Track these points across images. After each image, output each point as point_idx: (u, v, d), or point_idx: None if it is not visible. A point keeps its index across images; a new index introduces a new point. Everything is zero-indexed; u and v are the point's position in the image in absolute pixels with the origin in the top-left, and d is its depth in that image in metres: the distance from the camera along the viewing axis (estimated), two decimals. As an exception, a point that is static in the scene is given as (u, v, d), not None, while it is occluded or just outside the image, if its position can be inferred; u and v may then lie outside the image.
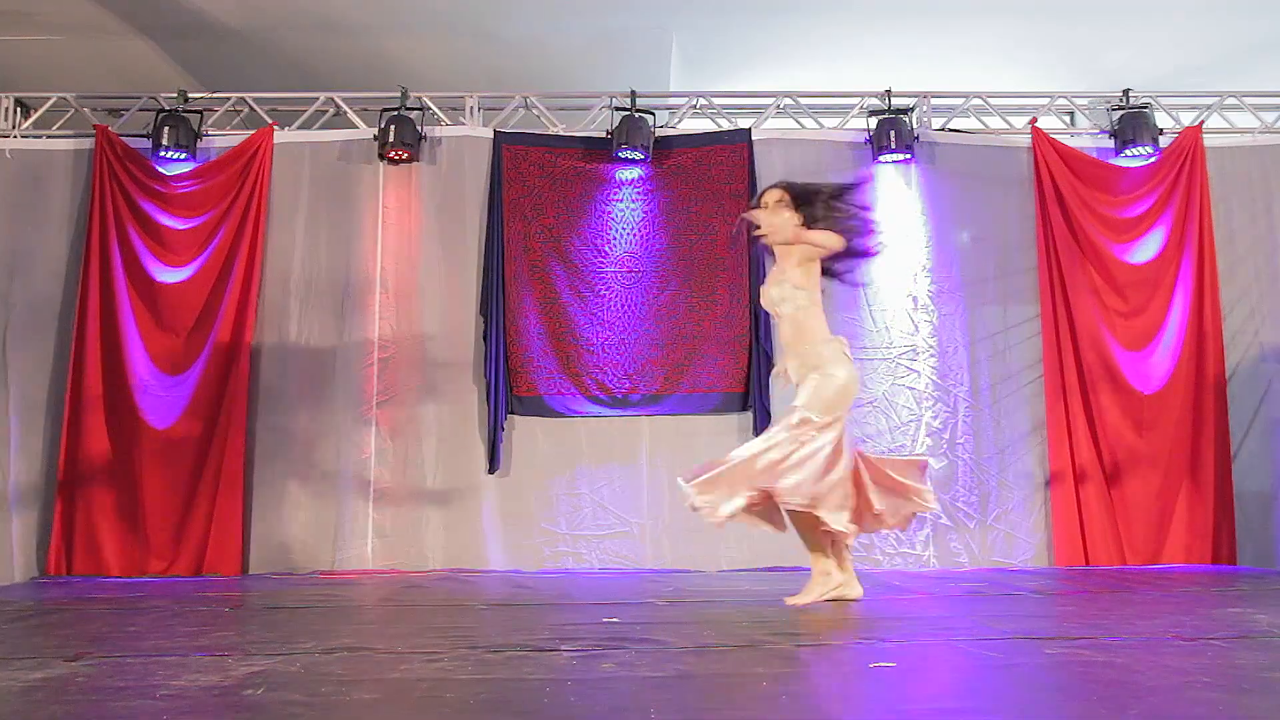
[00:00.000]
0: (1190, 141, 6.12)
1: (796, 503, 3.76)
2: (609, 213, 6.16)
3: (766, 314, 6.00)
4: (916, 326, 6.06)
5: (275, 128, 6.12)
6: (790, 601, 3.95)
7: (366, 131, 6.16)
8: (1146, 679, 2.54)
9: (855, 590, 4.03)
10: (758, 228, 4.00)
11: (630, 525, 5.89)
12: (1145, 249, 6.10)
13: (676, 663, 2.74)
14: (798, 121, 6.38)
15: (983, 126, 6.47)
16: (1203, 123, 6.21)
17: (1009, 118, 6.39)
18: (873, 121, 6.16)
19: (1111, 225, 6.11)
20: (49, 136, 6.22)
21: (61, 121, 6.26)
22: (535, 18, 6.32)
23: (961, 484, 5.93)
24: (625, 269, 6.11)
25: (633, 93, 6.10)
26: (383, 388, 5.95)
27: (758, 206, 4.10)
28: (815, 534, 3.95)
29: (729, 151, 6.17)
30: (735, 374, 5.99)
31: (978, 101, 6.35)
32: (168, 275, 5.97)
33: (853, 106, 6.33)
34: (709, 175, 6.15)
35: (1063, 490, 5.85)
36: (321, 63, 6.75)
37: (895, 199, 6.18)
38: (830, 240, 3.93)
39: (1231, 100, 6.31)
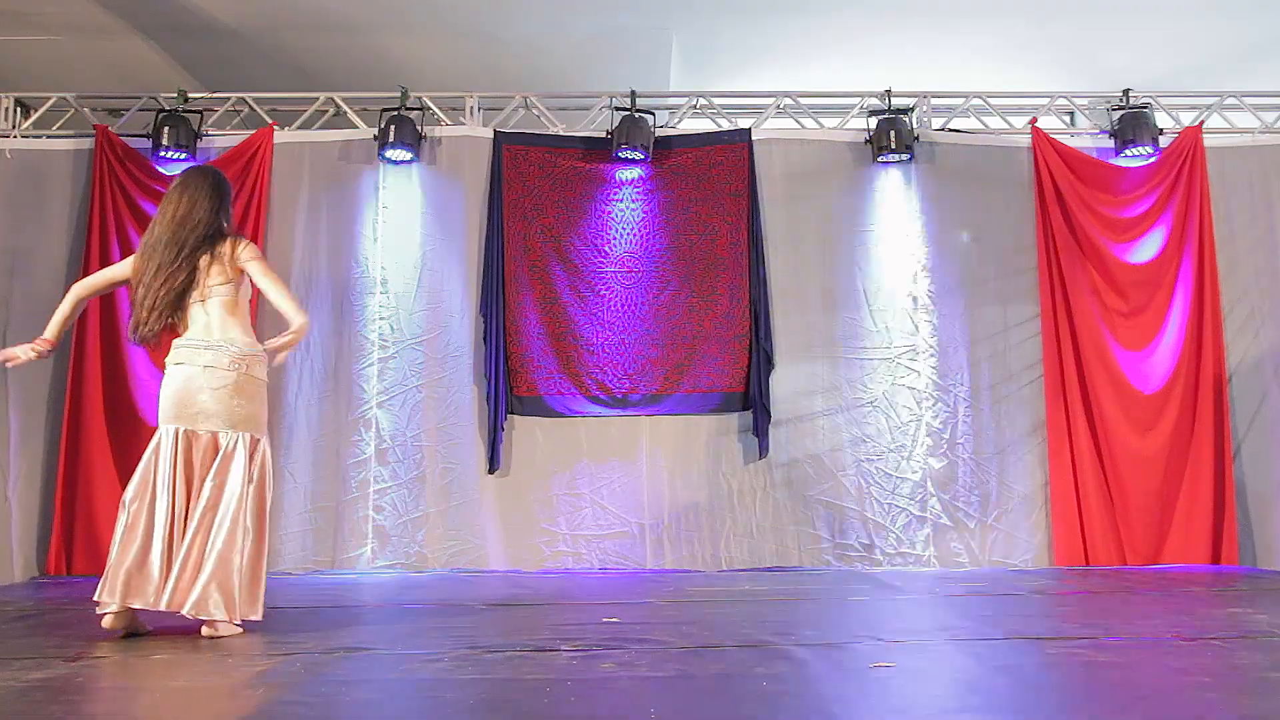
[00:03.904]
0: (1190, 141, 6.12)
1: None
2: (609, 213, 6.16)
3: (767, 314, 6.03)
4: (916, 326, 6.06)
5: (275, 128, 6.11)
6: None
7: (366, 131, 6.16)
8: (1146, 679, 2.54)
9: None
10: None
11: (630, 525, 5.89)
12: (1145, 249, 6.09)
13: (676, 663, 2.74)
14: (798, 121, 6.38)
15: (983, 126, 6.47)
16: (1203, 123, 6.21)
17: (1009, 118, 6.39)
18: (873, 121, 6.16)
19: (1111, 225, 6.11)
20: (49, 136, 6.21)
21: (61, 121, 6.26)
22: (535, 18, 6.31)
23: (961, 484, 5.93)
24: (625, 269, 6.11)
25: (633, 93, 6.10)
26: (383, 388, 5.95)
27: None
28: None
29: (729, 151, 6.17)
30: (735, 374, 5.99)
31: (978, 101, 6.35)
32: (168, 275, 5.95)
33: (853, 106, 6.32)
34: (709, 175, 6.15)
35: (1063, 490, 5.84)
36: (321, 63, 6.75)
37: (895, 199, 6.18)
38: None
39: (1231, 100, 6.31)
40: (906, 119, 6.12)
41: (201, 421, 3.43)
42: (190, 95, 6.13)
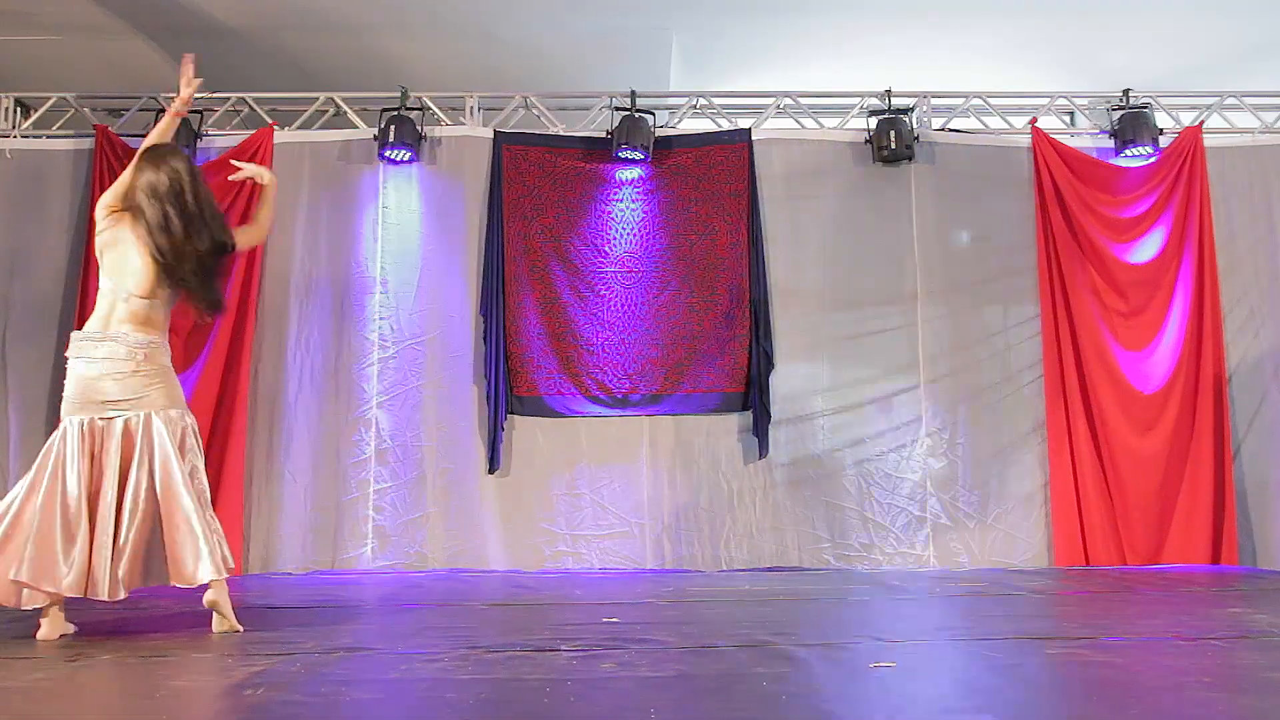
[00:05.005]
0: (1190, 141, 6.12)
1: None
2: (609, 213, 6.16)
3: (767, 314, 6.03)
4: (917, 326, 6.06)
5: (275, 128, 6.11)
6: None
7: (366, 131, 6.16)
8: (1146, 679, 2.55)
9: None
10: None
11: (630, 525, 5.89)
12: (1145, 249, 6.09)
13: (676, 663, 2.74)
14: (798, 121, 6.38)
15: (983, 126, 6.47)
16: (1203, 123, 6.21)
17: (1009, 118, 6.39)
18: (873, 121, 6.16)
19: (1111, 225, 6.11)
20: (49, 136, 6.22)
21: (61, 121, 6.26)
22: (535, 18, 6.31)
23: (961, 484, 5.93)
24: (625, 269, 6.11)
25: (633, 93, 6.10)
26: (383, 388, 5.95)
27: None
28: None
29: (729, 151, 6.17)
30: (735, 374, 5.99)
31: (978, 101, 6.35)
32: (168, 275, 5.96)
33: (853, 106, 6.33)
34: (709, 175, 6.15)
35: (1063, 490, 5.84)
36: (321, 63, 6.75)
37: (895, 199, 6.18)
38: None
39: (1231, 100, 6.31)
40: (906, 119, 6.12)
41: (109, 409, 3.37)
42: (190, 95, 6.12)
